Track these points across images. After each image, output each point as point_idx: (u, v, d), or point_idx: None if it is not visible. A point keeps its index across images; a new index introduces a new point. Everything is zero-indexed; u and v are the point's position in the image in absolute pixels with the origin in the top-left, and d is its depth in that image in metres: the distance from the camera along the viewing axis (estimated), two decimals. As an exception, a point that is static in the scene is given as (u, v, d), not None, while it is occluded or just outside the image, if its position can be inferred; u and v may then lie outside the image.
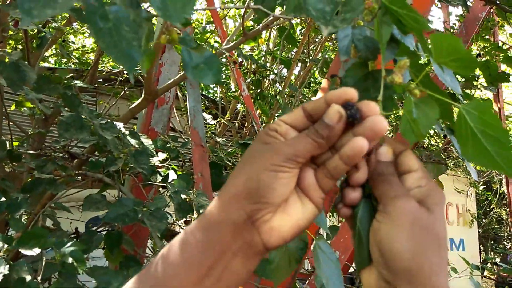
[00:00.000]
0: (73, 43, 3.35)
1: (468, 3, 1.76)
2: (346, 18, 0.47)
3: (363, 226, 0.41)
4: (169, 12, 0.45)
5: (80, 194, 1.70)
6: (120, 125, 1.27)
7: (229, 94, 3.76)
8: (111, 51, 0.38)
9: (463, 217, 7.10)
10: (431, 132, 2.62)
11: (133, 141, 1.29)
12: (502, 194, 6.75)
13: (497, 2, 1.36)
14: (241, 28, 1.30)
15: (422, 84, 0.47)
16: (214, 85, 4.98)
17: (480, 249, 7.44)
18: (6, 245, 0.95)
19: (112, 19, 0.38)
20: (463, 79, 1.82)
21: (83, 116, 1.02)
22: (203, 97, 3.82)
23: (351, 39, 0.65)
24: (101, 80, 2.72)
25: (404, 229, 0.38)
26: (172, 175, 1.45)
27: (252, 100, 2.83)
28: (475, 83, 1.86)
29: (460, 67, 0.44)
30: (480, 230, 7.53)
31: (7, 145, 1.51)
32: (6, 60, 0.98)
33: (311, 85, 3.54)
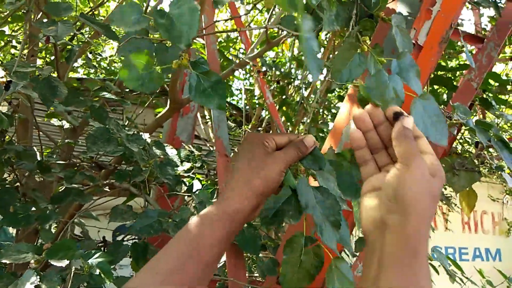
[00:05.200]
0: (100, 55, 3.43)
1: (500, 5, 1.69)
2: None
3: None
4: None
5: (108, 203, 1.73)
6: (146, 136, 1.28)
7: (253, 101, 3.75)
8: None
9: (499, 226, 6.80)
10: (463, 137, 2.52)
11: (158, 152, 1.30)
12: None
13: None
14: (265, 36, 1.29)
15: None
16: (238, 91, 5.00)
17: (517, 259, 7.10)
18: (36, 256, 0.97)
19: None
20: (497, 84, 1.75)
21: (111, 128, 1.03)
22: (227, 104, 3.83)
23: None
24: (128, 89, 2.77)
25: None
26: (197, 185, 1.45)
27: (277, 107, 2.80)
28: (509, 88, 1.78)
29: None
30: (517, 240, 7.19)
31: (38, 155, 1.55)
32: (38, 75, 1.00)
33: (337, 90, 3.48)
